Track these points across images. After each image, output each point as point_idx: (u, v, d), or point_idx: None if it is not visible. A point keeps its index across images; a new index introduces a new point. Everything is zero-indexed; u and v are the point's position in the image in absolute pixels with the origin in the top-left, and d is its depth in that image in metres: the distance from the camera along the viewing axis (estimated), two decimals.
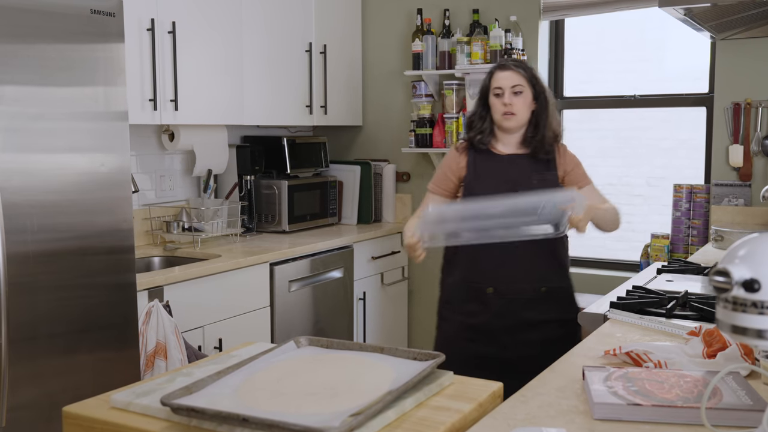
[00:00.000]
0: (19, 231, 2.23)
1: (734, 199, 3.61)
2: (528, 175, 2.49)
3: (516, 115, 2.49)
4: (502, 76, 2.51)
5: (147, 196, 3.62)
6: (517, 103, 2.48)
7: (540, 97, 2.53)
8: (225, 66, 3.54)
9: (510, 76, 2.51)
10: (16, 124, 2.23)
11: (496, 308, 2.48)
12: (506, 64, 2.54)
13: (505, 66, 2.54)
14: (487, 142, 2.56)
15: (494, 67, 2.58)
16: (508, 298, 2.48)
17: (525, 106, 2.50)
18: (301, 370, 1.46)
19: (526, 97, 2.50)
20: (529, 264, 2.48)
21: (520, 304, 2.48)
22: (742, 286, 1.03)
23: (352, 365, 1.48)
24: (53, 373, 2.35)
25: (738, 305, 1.04)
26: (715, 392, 1.30)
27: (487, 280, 2.49)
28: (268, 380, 1.40)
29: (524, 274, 2.48)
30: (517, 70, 2.51)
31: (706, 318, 1.95)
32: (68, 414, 1.35)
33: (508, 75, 2.51)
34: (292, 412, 1.24)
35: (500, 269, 2.49)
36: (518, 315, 2.48)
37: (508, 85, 2.49)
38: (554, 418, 1.28)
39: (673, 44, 3.93)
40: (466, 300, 2.54)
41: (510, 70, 2.52)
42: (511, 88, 2.49)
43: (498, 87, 2.51)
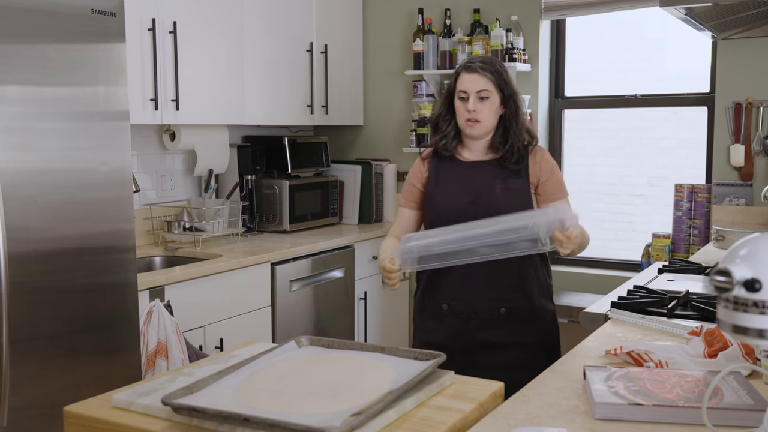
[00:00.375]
0: (20, 231, 2.23)
1: (735, 199, 3.61)
2: (491, 183, 2.28)
3: (481, 123, 2.27)
4: (467, 79, 2.28)
5: (148, 195, 3.62)
6: (483, 109, 2.26)
7: (509, 102, 2.30)
8: (226, 66, 3.54)
9: (476, 80, 2.27)
10: (17, 123, 2.23)
11: (452, 327, 2.29)
12: (473, 66, 2.29)
13: (471, 68, 2.29)
14: (452, 149, 2.35)
15: (460, 67, 2.33)
16: (463, 317, 2.27)
17: (491, 112, 2.28)
18: (302, 370, 1.46)
19: (492, 103, 2.27)
20: (487, 282, 2.25)
21: (475, 324, 2.26)
22: (743, 285, 1.03)
23: (353, 365, 1.48)
24: (54, 373, 2.35)
25: (739, 305, 1.04)
26: (716, 392, 1.30)
27: (443, 296, 2.30)
28: (269, 380, 1.40)
29: (481, 292, 2.26)
30: (484, 73, 2.27)
31: (707, 318, 1.95)
32: (69, 414, 1.35)
33: (473, 78, 2.28)
34: (293, 411, 1.24)
35: (457, 285, 2.28)
36: (473, 336, 2.26)
37: (474, 90, 2.26)
38: (555, 418, 1.28)
39: (674, 44, 3.93)
40: (425, 315, 2.37)
41: (476, 72, 2.28)
42: (476, 92, 2.26)
43: (463, 90, 2.28)
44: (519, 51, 3.94)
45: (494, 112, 2.28)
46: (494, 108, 2.28)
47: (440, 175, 2.35)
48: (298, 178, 4.02)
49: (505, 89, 2.29)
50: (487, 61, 2.31)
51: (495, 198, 2.26)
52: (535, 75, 4.06)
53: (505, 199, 2.25)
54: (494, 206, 2.22)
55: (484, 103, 2.26)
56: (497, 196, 2.27)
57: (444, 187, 2.33)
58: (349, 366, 1.48)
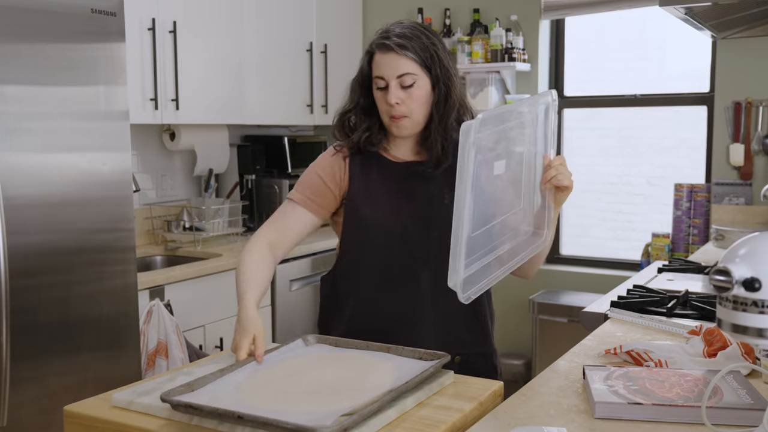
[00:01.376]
0: (20, 230, 2.23)
1: (735, 198, 3.61)
2: (440, 191, 1.76)
3: (409, 118, 1.73)
4: (383, 61, 1.71)
5: (148, 195, 3.62)
6: (410, 100, 1.71)
7: (439, 84, 1.74)
8: (226, 65, 3.54)
9: (394, 61, 1.70)
10: (17, 123, 2.23)
11: None
12: (387, 43, 1.71)
13: (385, 45, 1.71)
14: (378, 143, 1.80)
15: (373, 44, 1.75)
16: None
17: (421, 102, 1.72)
18: (305, 369, 1.46)
19: (421, 88, 1.72)
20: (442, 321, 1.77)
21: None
22: (743, 285, 1.03)
23: (356, 364, 1.48)
24: (54, 373, 2.35)
25: (738, 304, 1.04)
26: (716, 391, 1.30)
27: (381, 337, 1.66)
28: (270, 378, 1.40)
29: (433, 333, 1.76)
30: (403, 52, 1.70)
31: (707, 317, 1.95)
32: (69, 413, 1.35)
33: (390, 60, 1.70)
34: (290, 410, 1.24)
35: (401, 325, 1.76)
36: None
37: (393, 75, 1.70)
38: (555, 417, 1.29)
39: (673, 43, 3.93)
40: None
41: (392, 51, 1.70)
42: (397, 78, 1.70)
43: (379, 76, 1.73)
44: (519, 51, 3.94)
45: (425, 101, 1.73)
46: (424, 95, 1.73)
47: (368, 180, 1.79)
48: (298, 177, 4.02)
49: (433, 68, 1.73)
50: (407, 35, 1.72)
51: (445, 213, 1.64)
52: (534, 75, 4.06)
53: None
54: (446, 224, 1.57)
55: (409, 92, 1.71)
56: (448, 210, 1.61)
57: (376, 198, 1.78)
58: (353, 365, 1.48)
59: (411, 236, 1.75)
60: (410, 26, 1.75)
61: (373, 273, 1.78)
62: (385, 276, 1.77)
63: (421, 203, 1.76)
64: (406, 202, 1.77)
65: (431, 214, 1.75)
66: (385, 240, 1.76)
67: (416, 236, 1.75)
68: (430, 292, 1.75)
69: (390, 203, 1.77)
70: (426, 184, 1.77)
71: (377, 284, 1.77)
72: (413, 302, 1.75)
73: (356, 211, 1.78)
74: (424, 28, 1.76)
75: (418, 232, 1.75)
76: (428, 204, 1.76)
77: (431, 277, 1.74)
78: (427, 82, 1.72)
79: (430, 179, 1.77)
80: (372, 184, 1.79)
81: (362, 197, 1.78)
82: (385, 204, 1.77)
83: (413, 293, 1.75)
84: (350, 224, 1.80)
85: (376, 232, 1.76)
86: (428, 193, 1.76)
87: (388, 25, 1.77)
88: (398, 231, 1.75)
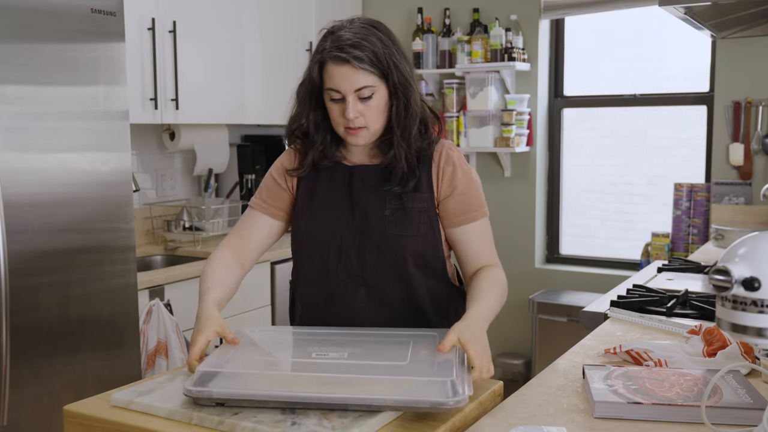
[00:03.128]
0: (20, 230, 2.23)
1: (734, 198, 3.62)
2: (381, 202, 1.64)
3: (367, 129, 1.61)
4: (339, 74, 1.57)
5: (148, 195, 3.62)
6: (368, 112, 1.59)
7: (397, 93, 1.61)
8: (226, 65, 3.54)
9: (351, 75, 1.57)
10: (17, 123, 2.23)
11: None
12: (342, 55, 1.56)
13: (340, 58, 1.57)
14: (332, 156, 1.69)
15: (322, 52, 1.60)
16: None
17: (379, 111, 1.61)
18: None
19: (379, 98, 1.60)
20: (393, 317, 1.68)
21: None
22: (742, 284, 1.03)
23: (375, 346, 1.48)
24: (54, 372, 2.35)
25: (738, 304, 1.04)
26: (715, 390, 1.30)
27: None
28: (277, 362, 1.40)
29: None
30: (361, 65, 1.56)
31: (707, 317, 1.95)
32: (69, 413, 1.35)
33: (346, 73, 1.57)
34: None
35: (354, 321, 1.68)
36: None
37: (351, 89, 1.57)
38: (554, 417, 1.29)
39: (673, 43, 3.93)
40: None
41: (348, 65, 1.57)
42: (355, 92, 1.58)
43: (333, 89, 1.59)
44: (518, 50, 3.94)
45: (382, 110, 1.62)
46: (382, 104, 1.62)
47: (315, 189, 1.70)
48: None
49: (391, 76, 1.60)
50: (362, 43, 1.58)
51: (385, 224, 1.62)
52: (534, 74, 4.06)
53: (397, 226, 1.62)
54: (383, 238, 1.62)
55: (368, 103, 1.59)
56: (387, 221, 1.62)
57: (316, 206, 1.68)
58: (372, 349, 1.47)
59: (348, 251, 1.64)
60: (361, 29, 1.61)
61: (314, 287, 1.70)
62: (323, 291, 1.68)
63: (360, 214, 1.64)
64: (345, 212, 1.65)
65: (370, 227, 1.63)
66: (322, 254, 1.66)
67: (353, 251, 1.64)
68: (367, 309, 1.64)
69: (329, 214, 1.66)
70: (369, 193, 1.65)
71: (317, 298, 1.69)
72: (352, 319, 1.64)
73: (297, 217, 1.70)
74: (376, 29, 1.63)
75: (355, 247, 1.64)
76: (367, 215, 1.64)
77: (368, 295, 1.64)
78: (385, 91, 1.61)
79: (374, 186, 1.65)
80: (317, 188, 1.69)
81: (304, 202, 1.69)
82: (323, 215, 1.67)
83: (351, 310, 1.65)
84: (293, 231, 1.73)
85: (314, 246, 1.67)
86: (369, 203, 1.64)
87: (335, 27, 1.64)
88: (335, 245, 1.65)
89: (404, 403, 1.23)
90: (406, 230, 1.62)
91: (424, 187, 1.64)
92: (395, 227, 1.62)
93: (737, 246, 1.07)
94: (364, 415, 1.23)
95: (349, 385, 1.27)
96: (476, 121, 4.04)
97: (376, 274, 1.64)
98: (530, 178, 4.14)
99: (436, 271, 1.68)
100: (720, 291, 1.06)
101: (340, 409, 1.25)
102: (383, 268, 1.63)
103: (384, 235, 1.62)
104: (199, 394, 1.27)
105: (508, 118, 3.95)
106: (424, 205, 1.63)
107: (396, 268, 1.64)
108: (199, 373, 1.31)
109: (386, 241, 1.62)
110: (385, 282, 1.64)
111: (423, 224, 1.63)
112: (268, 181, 1.76)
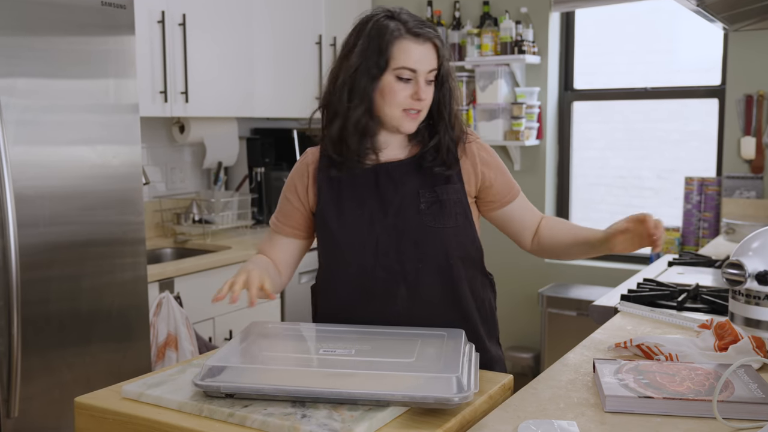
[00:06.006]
0: (31, 223, 2.24)
1: (746, 192, 3.59)
2: (414, 197, 1.62)
3: (422, 113, 1.60)
4: (418, 52, 1.55)
5: (158, 188, 3.63)
6: (428, 96, 1.59)
7: (446, 81, 1.63)
8: (235, 58, 3.54)
9: (430, 54, 1.56)
10: (27, 116, 2.24)
11: None
12: (423, 32, 1.55)
13: (420, 34, 1.55)
14: (371, 152, 1.63)
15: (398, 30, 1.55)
16: None
17: (432, 96, 1.61)
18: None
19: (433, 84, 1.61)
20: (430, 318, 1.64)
21: None
22: (756, 278, 1.02)
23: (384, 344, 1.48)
24: (65, 364, 2.36)
25: (751, 298, 1.04)
26: (727, 385, 1.30)
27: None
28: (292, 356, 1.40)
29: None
30: (440, 46, 1.57)
31: (717, 311, 1.94)
32: (80, 404, 1.36)
33: (426, 51, 1.56)
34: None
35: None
36: None
37: (426, 68, 1.56)
38: (565, 411, 1.28)
39: (685, 35, 3.90)
40: None
41: (429, 42, 1.56)
42: (428, 72, 1.57)
43: (409, 68, 1.54)
44: (528, 43, 3.92)
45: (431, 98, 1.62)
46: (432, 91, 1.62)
47: (338, 189, 1.64)
48: None
49: (445, 63, 1.60)
50: (430, 23, 1.60)
51: (421, 218, 1.60)
52: (544, 67, 4.04)
53: (435, 219, 1.61)
54: (422, 232, 1.61)
55: (430, 87, 1.59)
56: (423, 214, 1.60)
57: (344, 210, 1.63)
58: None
59: (386, 250, 1.61)
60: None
61: (348, 291, 1.65)
62: (360, 294, 1.64)
63: (394, 212, 1.61)
64: (377, 212, 1.62)
65: (406, 223, 1.61)
66: (359, 258, 1.62)
67: (391, 249, 1.61)
68: (407, 307, 1.61)
69: (360, 217, 1.62)
70: (400, 188, 1.62)
71: (353, 301, 1.65)
72: (391, 319, 1.61)
73: (326, 227, 1.65)
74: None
75: (393, 244, 1.61)
76: (401, 212, 1.61)
77: (408, 292, 1.62)
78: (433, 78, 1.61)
79: (405, 181, 1.62)
80: (342, 194, 1.64)
81: (330, 211, 1.64)
82: (354, 220, 1.62)
83: (390, 310, 1.61)
84: (321, 240, 1.68)
85: (351, 252, 1.62)
86: (402, 200, 1.61)
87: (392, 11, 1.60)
88: (371, 246, 1.61)
89: (411, 398, 1.23)
90: (444, 222, 1.61)
91: (455, 178, 1.63)
92: (433, 220, 1.60)
93: (750, 240, 1.06)
94: (374, 409, 1.23)
95: (356, 380, 1.27)
96: (486, 114, 4.03)
97: (415, 269, 1.61)
98: (540, 172, 4.12)
99: (475, 261, 1.68)
100: (733, 285, 1.06)
101: (349, 403, 1.25)
102: (423, 263, 1.61)
103: (422, 230, 1.60)
104: (208, 388, 1.28)
105: (518, 111, 3.93)
106: (457, 196, 1.63)
107: (436, 262, 1.61)
108: (207, 367, 1.32)
109: (425, 235, 1.60)
110: (426, 276, 1.62)
111: (459, 215, 1.62)
112: (281, 201, 1.74)
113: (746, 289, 1.05)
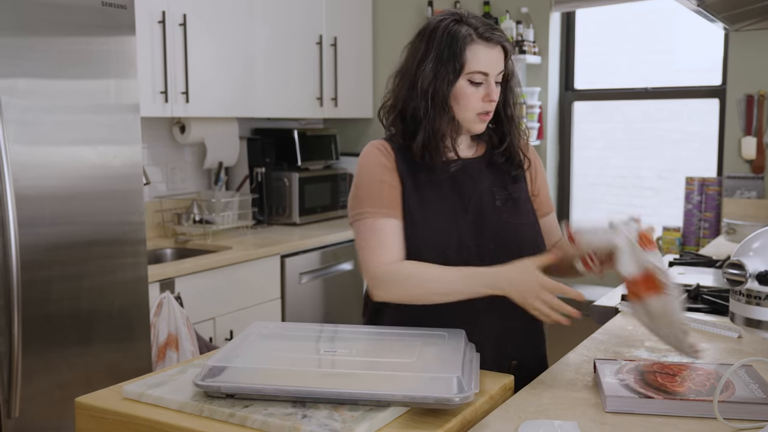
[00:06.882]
0: (31, 223, 2.24)
1: (746, 192, 3.59)
2: (490, 194, 1.65)
3: (491, 113, 1.64)
4: (489, 56, 1.58)
5: (158, 188, 3.63)
6: (498, 97, 1.63)
7: (510, 82, 1.67)
8: (236, 58, 3.54)
9: (500, 58, 1.60)
10: (28, 116, 2.24)
11: None
12: (493, 36, 1.59)
13: (491, 39, 1.58)
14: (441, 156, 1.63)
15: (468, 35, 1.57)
16: None
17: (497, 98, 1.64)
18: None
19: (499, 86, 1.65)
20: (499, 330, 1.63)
21: None
22: (756, 278, 1.02)
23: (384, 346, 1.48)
24: (65, 364, 2.36)
25: (752, 298, 1.04)
26: (728, 385, 1.30)
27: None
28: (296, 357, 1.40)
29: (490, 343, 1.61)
30: (507, 45, 1.62)
31: (718, 311, 1.94)
32: (81, 405, 1.36)
33: (496, 55, 1.59)
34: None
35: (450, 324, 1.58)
36: None
37: (496, 71, 1.60)
38: (565, 411, 1.28)
39: (685, 35, 3.90)
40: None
41: (499, 46, 1.60)
42: (497, 74, 1.61)
43: (481, 72, 1.58)
44: (529, 43, 3.92)
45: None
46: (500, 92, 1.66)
47: (420, 183, 1.63)
48: (308, 170, 4.03)
49: (510, 64, 1.65)
50: (496, 26, 1.65)
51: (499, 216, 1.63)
52: (545, 67, 4.04)
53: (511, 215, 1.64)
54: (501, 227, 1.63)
55: (498, 88, 1.63)
56: (499, 211, 1.64)
57: (427, 201, 1.62)
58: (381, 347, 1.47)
59: (467, 244, 1.60)
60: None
61: None
62: None
63: (474, 207, 1.62)
64: (457, 207, 1.62)
65: (486, 218, 1.62)
66: (440, 248, 1.59)
67: (472, 243, 1.60)
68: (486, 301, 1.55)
69: (443, 208, 1.62)
70: (476, 185, 1.64)
71: None
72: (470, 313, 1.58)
73: (410, 216, 1.60)
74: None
75: (473, 239, 1.60)
76: (481, 208, 1.63)
77: None
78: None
79: (480, 179, 1.65)
80: (421, 185, 1.62)
81: (414, 200, 1.61)
82: (438, 209, 1.61)
83: (470, 303, 1.55)
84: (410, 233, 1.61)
85: (433, 240, 1.59)
86: (479, 195, 1.63)
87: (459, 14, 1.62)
88: (454, 238, 1.60)
89: (412, 398, 1.23)
90: (519, 218, 1.65)
91: (522, 177, 1.70)
92: (510, 216, 1.64)
93: (751, 240, 1.06)
94: (375, 409, 1.23)
95: (357, 380, 1.27)
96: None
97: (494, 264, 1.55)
98: None
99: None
100: (734, 285, 1.05)
101: (350, 403, 1.25)
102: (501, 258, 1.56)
103: (501, 225, 1.63)
104: (208, 388, 1.28)
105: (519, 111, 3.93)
106: (526, 195, 1.69)
107: (511, 257, 1.55)
108: (208, 367, 1.32)
109: (504, 231, 1.63)
110: None
111: (530, 212, 1.69)
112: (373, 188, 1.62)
113: (747, 290, 1.05)
